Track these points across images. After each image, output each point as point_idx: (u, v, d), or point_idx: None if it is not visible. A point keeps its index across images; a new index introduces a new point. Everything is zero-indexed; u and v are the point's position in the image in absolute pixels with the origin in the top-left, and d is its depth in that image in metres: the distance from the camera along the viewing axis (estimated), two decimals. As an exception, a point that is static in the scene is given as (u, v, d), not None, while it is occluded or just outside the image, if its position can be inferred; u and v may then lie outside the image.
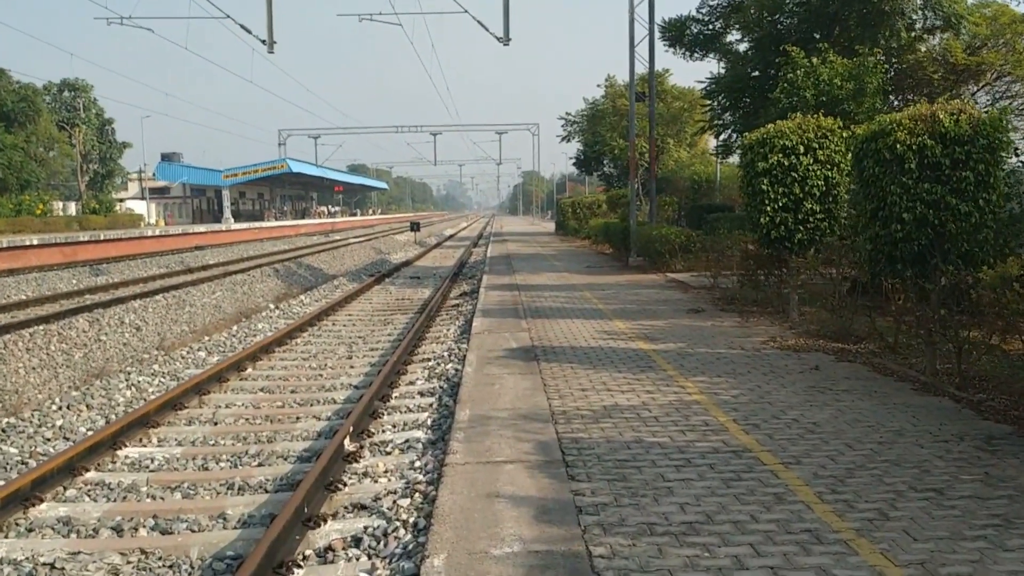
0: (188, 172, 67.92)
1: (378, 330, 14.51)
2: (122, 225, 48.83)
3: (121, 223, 49.11)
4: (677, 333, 11.71)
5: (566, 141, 43.89)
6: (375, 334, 14.06)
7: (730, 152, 25.59)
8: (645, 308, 14.43)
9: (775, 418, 6.96)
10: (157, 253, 36.12)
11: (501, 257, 29.13)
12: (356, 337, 13.79)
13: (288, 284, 24.62)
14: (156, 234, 42.35)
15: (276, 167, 67.23)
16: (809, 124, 12.45)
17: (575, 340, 11.29)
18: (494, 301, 15.87)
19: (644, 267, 22.87)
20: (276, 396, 9.51)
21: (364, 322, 15.63)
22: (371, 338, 13.62)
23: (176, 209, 73.84)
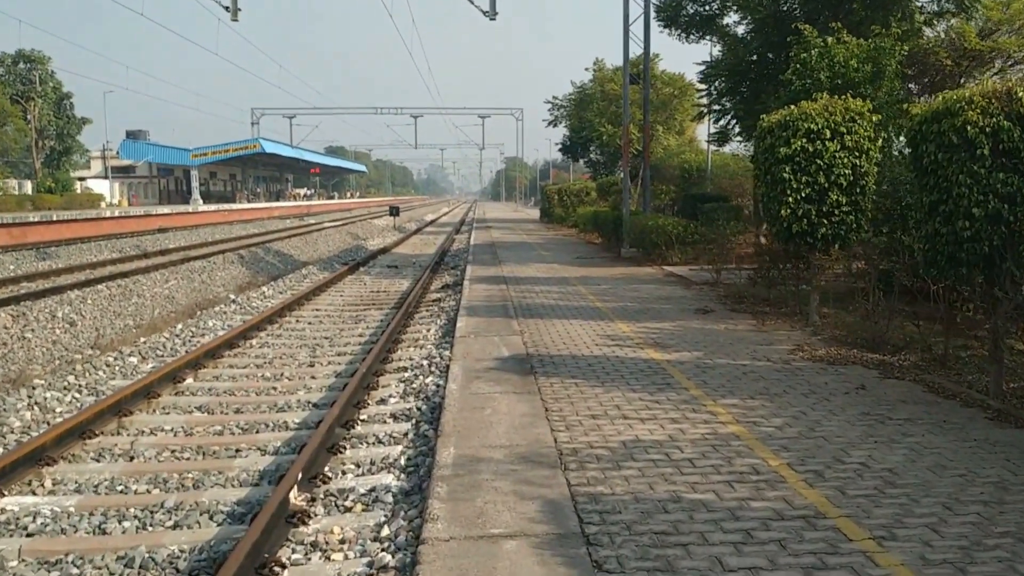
0: (154, 151, 65.90)
1: (348, 330, 13.06)
2: (80, 205, 46.84)
3: (79, 203, 47.15)
4: (689, 338, 10.37)
5: (552, 126, 42.54)
6: (344, 335, 12.62)
7: (727, 139, 24.29)
8: (648, 307, 13.09)
9: (838, 461, 5.62)
10: (115, 235, 34.32)
11: (485, 245, 27.69)
12: (321, 338, 12.33)
13: (253, 272, 23.09)
14: (115, 215, 40.49)
15: (248, 147, 65.39)
16: (836, 106, 11.13)
17: (575, 347, 9.92)
18: (480, 296, 14.46)
19: (638, 259, 21.54)
20: (216, 418, 8.02)
21: (332, 319, 14.17)
22: (339, 340, 12.18)
23: (142, 189, 71.74)
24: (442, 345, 10.94)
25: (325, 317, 14.36)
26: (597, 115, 36.68)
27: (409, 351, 10.96)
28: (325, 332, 12.82)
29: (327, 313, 14.75)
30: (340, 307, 15.54)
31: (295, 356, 10.98)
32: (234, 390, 9.16)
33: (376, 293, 17.59)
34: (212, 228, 41.70)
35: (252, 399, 8.74)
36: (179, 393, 9.04)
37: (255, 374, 9.94)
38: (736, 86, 21.02)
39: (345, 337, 12.38)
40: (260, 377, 9.80)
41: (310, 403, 8.50)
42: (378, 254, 27.43)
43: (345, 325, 13.50)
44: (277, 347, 11.63)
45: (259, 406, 8.46)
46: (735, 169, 31.38)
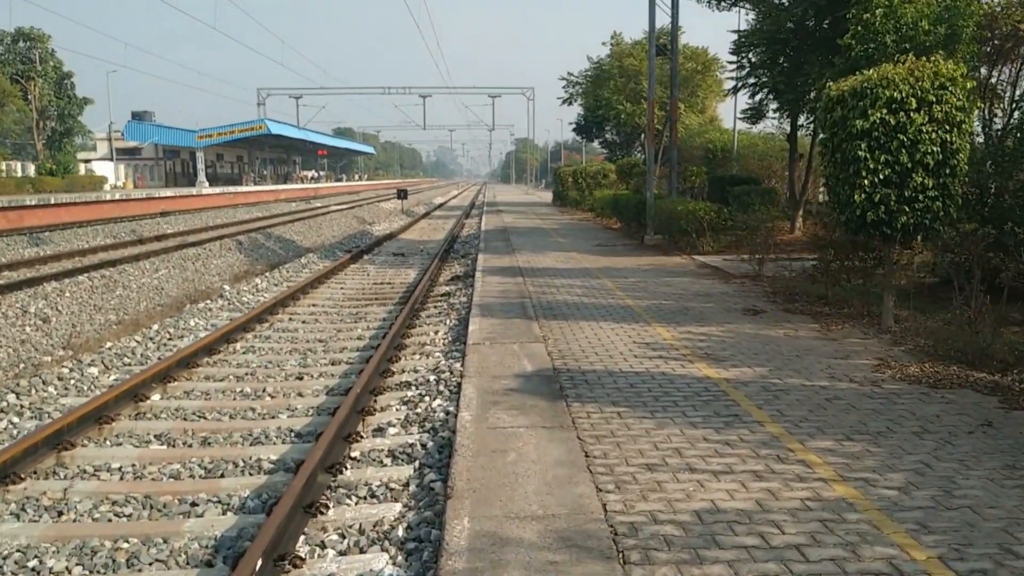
0: (159, 132, 64.19)
1: (345, 331, 11.49)
2: (82, 188, 45.41)
3: (81, 185, 45.70)
4: (745, 348, 8.76)
5: (567, 104, 40.69)
6: (341, 337, 11.05)
7: (761, 117, 22.51)
8: (687, 306, 11.46)
9: (1008, 552, 4.02)
10: (116, 220, 32.90)
11: (497, 231, 26.05)
12: (315, 341, 10.77)
13: (251, 260, 21.57)
14: (117, 198, 38.99)
15: (254, 128, 63.69)
16: (924, 70, 9.41)
17: (610, 359, 8.32)
18: (494, 291, 12.86)
19: (664, 247, 19.87)
20: (176, 453, 6.46)
21: (330, 317, 12.60)
22: (334, 343, 10.60)
23: (148, 171, 70.24)
24: (452, 354, 9.35)
25: (322, 314, 12.79)
26: (615, 92, 34.88)
27: (414, 360, 9.37)
28: (320, 333, 11.25)
29: (324, 310, 13.18)
30: (339, 302, 13.97)
31: (282, 365, 9.41)
32: (205, 411, 7.59)
33: (380, 285, 16.00)
34: (215, 212, 40.15)
35: (224, 425, 7.17)
36: (139, 416, 7.49)
37: (233, 389, 8.37)
38: (774, 57, 19.25)
39: (342, 340, 10.81)
40: (238, 394, 8.24)
41: (292, 432, 6.92)
42: (384, 240, 25.84)
43: (343, 325, 11.92)
44: (263, 353, 10.07)
45: (231, 435, 6.88)
46: (764, 150, 29.62)
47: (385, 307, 13.38)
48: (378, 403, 7.61)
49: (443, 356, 9.35)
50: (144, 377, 7.99)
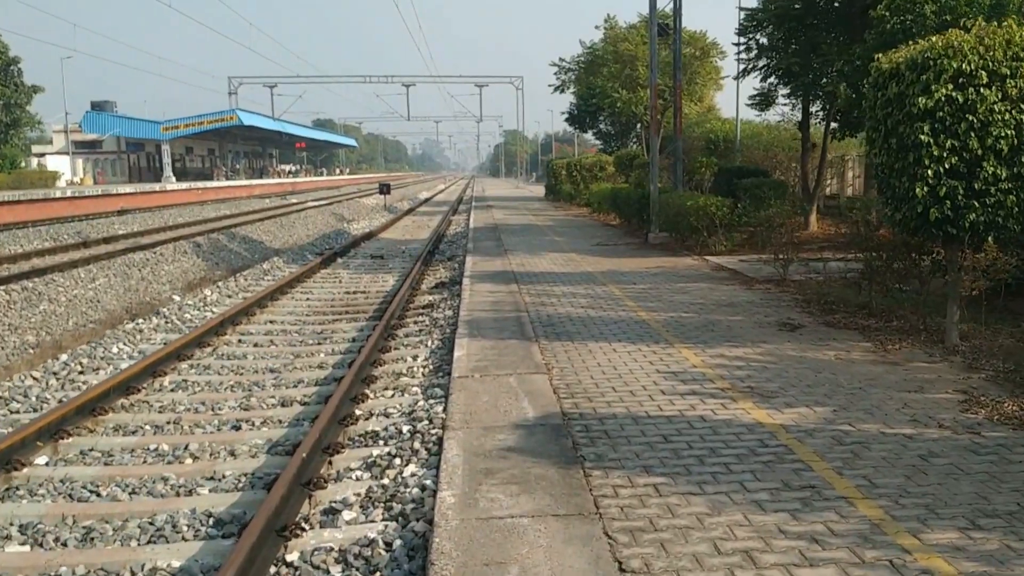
0: (121, 124, 62.33)
1: (305, 356, 9.98)
2: (31, 184, 43.58)
3: (30, 182, 43.84)
4: (794, 377, 7.31)
5: (559, 92, 39.11)
6: (298, 365, 9.53)
7: (770, 103, 21.07)
8: (711, 319, 10.00)
9: None
10: (67, 219, 31.28)
11: (487, 229, 24.55)
12: (265, 371, 9.25)
13: (210, 265, 19.99)
14: (68, 195, 37.24)
15: (224, 119, 61.94)
16: (996, 37, 7.99)
17: (632, 396, 6.85)
18: (485, 302, 11.38)
19: (670, 246, 18.44)
20: (42, 559, 4.89)
21: (288, 337, 11.08)
22: (289, 375, 9.08)
23: (109, 166, 68.38)
24: (433, 390, 7.84)
25: (279, 334, 11.27)
26: (609, 79, 33.37)
27: (385, 399, 7.87)
28: (273, 360, 9.73)
29: (283, 327, 11.65)
30: (302, 317, 12.45)
31: (218, 408, 7.88)
32: (100, 482, 6.04)
33: (352, 295, 14.48)
34: (179, 210, 38.44)
35: (119, 509, 5.57)
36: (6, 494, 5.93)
37: (145, 447, 6.82)
38: (788, 36, 17.82)
39: (299, 370, 9.29)
40: (150, 454, 6.70)
41: (209, 520, 5.35)
42: (362, 240, 24.29)
43: (303, 348, 10.41)
44: (197, 390, 8.54)
45: (123, 527, 5.30)
46: (768, 139, 28.25)
47: (356, 323, 11.87)
48: (334, 466, 6.11)
49: (422, 393, 7.84)
50: (25, 434, 6.44)
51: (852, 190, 26.27)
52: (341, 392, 7.46)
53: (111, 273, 16.73)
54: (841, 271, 12.86)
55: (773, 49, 18.79)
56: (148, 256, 19.05)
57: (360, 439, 6.84)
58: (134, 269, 17.61)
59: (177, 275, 18.38)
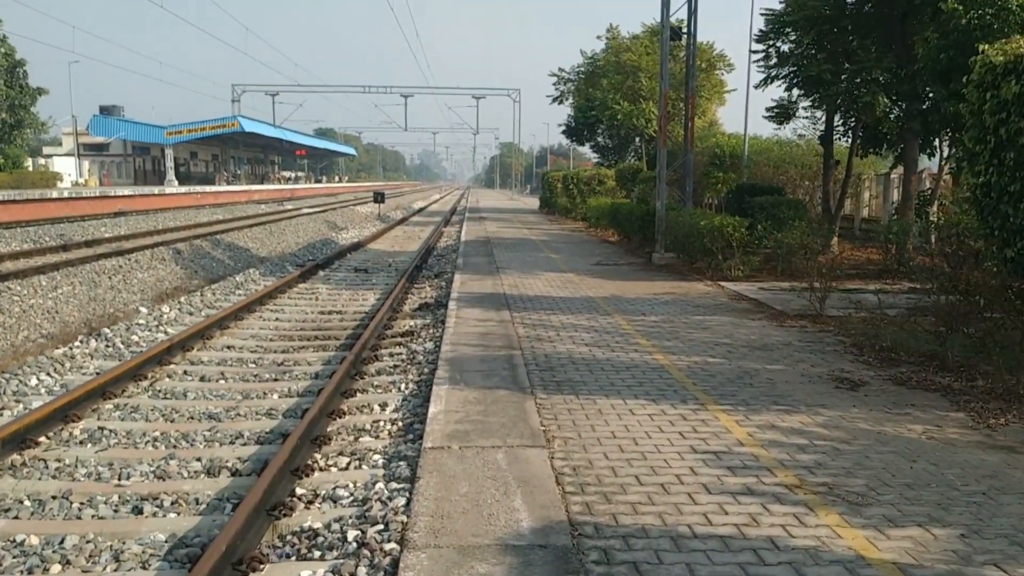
0: (127, 127, 60.15)
1: (256, 396, 7.84)
2: (32, 184, 41.40)
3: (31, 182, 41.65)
4: (880, 469, 5.20)
5: (558, 103, 37.05)
6: (243, 410, 7.38)
7: (789, 116, 18.99)
8: (745, 368, 7.88)
9: None
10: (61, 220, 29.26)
11: (479, 243, 22.42)
12: (203, 418, 7.11)
13: (187, 273, 17.84)
14: (65, 196, 35.06)
15: (226, 125, 59.83)
16: None
17: (666, 495, 4.73)
18: (471, 335, 9.25)
19: (678, 268, 16.35)
20: None
21: (242, 369, 8.93)
22: (228, 426, 6.93)
23: (115, 169, 66.22)
24: (398, 464, 5.69)
25: (234, 364, 9.13)
26: (610, 90, 31.31)
27: (335, 473, 5.71)
28: (216, 403, 7.57)
29: (239, 356, 9.50)
30: (265, 342, 10.30)
31: (125, 476, 5.73)
32: None
33: (326, 316, 12.33)
34: (175, 213, 36.25)
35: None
36: None
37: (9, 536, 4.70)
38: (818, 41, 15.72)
39: (241, 419, 7.14)
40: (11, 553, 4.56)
41: None
42: (349, 251, 22.12)
43: (255, 386, 8.25)
44: (111, 444, 6.40)
45: None
46: (779, 155, 26.18)
47: (324, 353, 9.73)
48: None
49: (384, 467, 5.70)
50: None
51: (868, 211, 24.20)
52: (283, 457, 5.37)
53: (78, 280, 14.59)
54: (884, 306, 10.76)
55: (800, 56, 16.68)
56: (122, 263, 16.88)
57: (291, 541, 4.70)
58: (104, 277, 15.46)
59: (150, 284, 16.23)
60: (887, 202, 23.93)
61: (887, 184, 23.77)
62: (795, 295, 12.21)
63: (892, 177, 23.58)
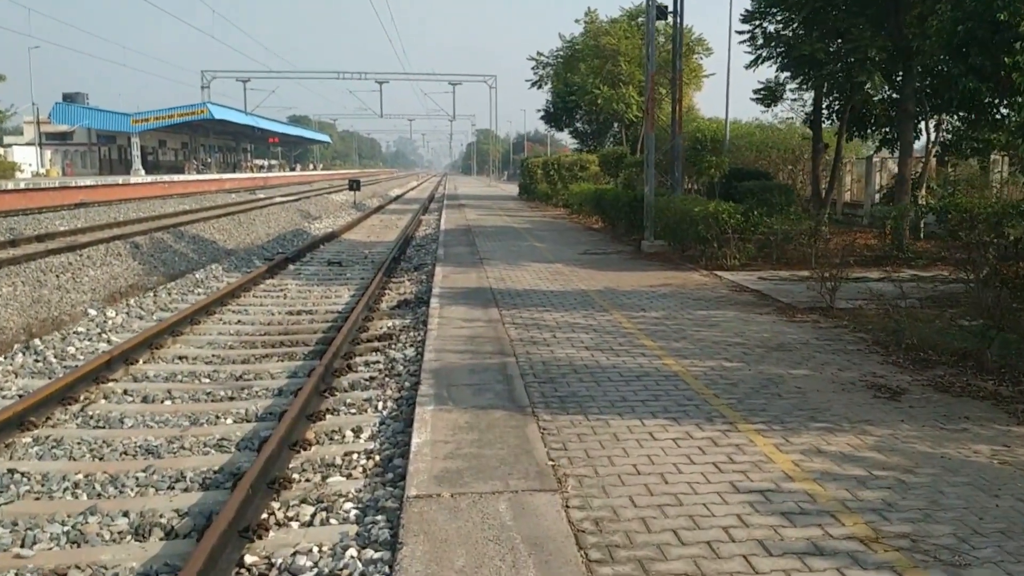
0: (91, 115, 58.21)
1: (205, 422, 6.73)
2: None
3: (-14, 172, 39.87)
4: (962, 509, 4.24)
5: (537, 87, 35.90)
6: (188, 442, 6.27)
7: (777, 99, 18.01)
8: (768, 374, 6.89)
9: None
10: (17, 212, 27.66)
11: (459, 232, 21.32)
12: (138, 453, 6.00)
13: (146, 269, 16.60)
14: (22, 187, 33.44)
15: (195, 112, 58.04)
16: None
17: (716, 561, 3.71)
18: (457, 338, 8.19)
19: (668, 257, 15.38)
20: None
21: (194, 386, 7.80)
22: (168, 464, 5.80)
23: (79, 158, 64.08)
24: (374, 520, 4.59)
25: (185, 379, 8.00)
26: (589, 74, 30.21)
27: (295, 532, 4.60)
28: (157, 432, 6.45)
29: (192, 369, 8.36)
30: (223, 351, 9.17)
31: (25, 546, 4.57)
32: None
33: (295, 317, 11.21)
34: (140, 204, 34.77)
35: None
36: None
37: None
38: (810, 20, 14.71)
39: (185, 455, 6.03)
40: None
41: None
42: (322, 242, 20.93)
43: (206, 408, 7.13)
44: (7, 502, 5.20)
45: None
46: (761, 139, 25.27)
47: (291, 362, 8.62)
48: None
49: (356, 526, 4.60)
50: None
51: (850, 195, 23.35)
52: (232, 511, 4.33)
53: (20, 280, 13.32)
54: (895, 296, 9.85)
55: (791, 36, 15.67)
56: (73, 259, 15.60)
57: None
58: (52, 275, 14.19)
59: (103, 282, 14.97)
60: (869, 186, 23.13)
61: (870, 167, 22.96)
62: (797, 285, 11.31)
63: (875, 160, 22.79)
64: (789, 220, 13.27)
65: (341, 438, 6.16)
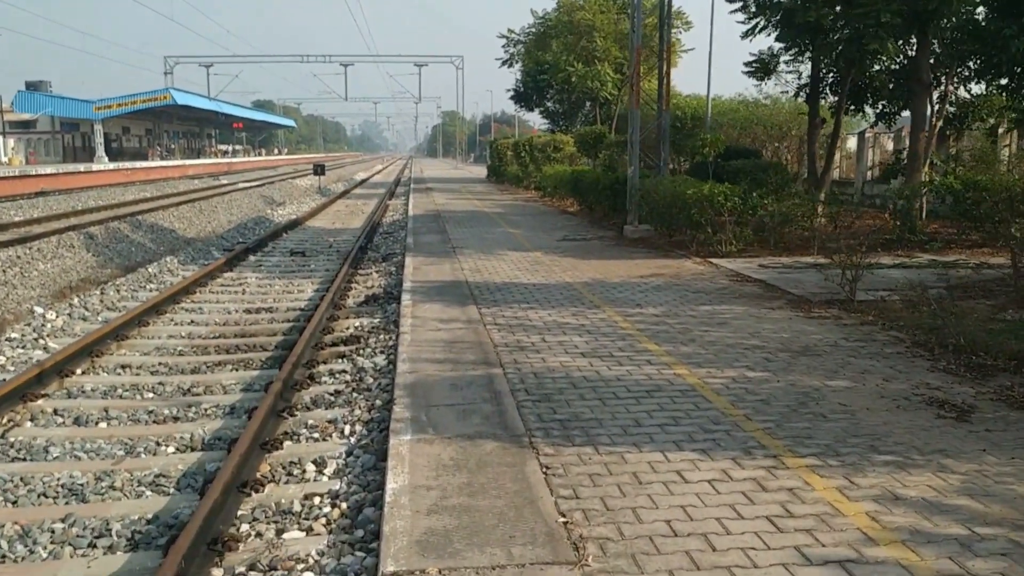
0: (54, 103, 56.13)
1: (144, 451, 5.56)
2: (-60, 163, 37.59)
3: (-61, 161, 37.81)
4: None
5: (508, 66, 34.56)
6: (119, 481, 5.08)
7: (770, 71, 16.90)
8: (802, 387, 5.85)
9: None
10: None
11: (429, 218, 20.10)
12: (59, 495, 4.81)
13: (100, 261, 15.23)
14: (-25, 177, 31.62)
15: (158, 98, 55.99)
16: None
17: None
18: (434, 344, 7.05)
19: (654, 242, 14.35)
20: None
21: (135, 403, 6.58)
22: (91, 512, 4.62)
23: (43, 146, 61.70)
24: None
25: (125, 393, 6.80)
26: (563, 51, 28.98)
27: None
28: (86, 465, 5.26)
29: (135, 381, 7.14)
30: (170, 359, 7.94)
31: None
32: None
33: (253, 316, 9.98)
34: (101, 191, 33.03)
35: None
36: None
37: None
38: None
39: (116, 497, 4.85)
40: None
41: None
42: (285, 230, 19.60)
43: (148, 431, 5.93)
44: None
45: None
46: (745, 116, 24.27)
47: (246, 372, 7.44)
48: None
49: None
50: None
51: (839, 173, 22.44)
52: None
53: (-46, 277, 11.97)
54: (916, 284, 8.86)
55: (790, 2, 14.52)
56: (22, 252, 14.19)
57: None
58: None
59: (53, 276, 13.59)
60: (861, 163, 22.24)
61: (862, 144, 22.05)
62: (804, 273, 10.33)
63: (867, 136, 21.86)
64: (792, 202, 12.23)
65: (301, 473, 5.03)
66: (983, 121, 17.30)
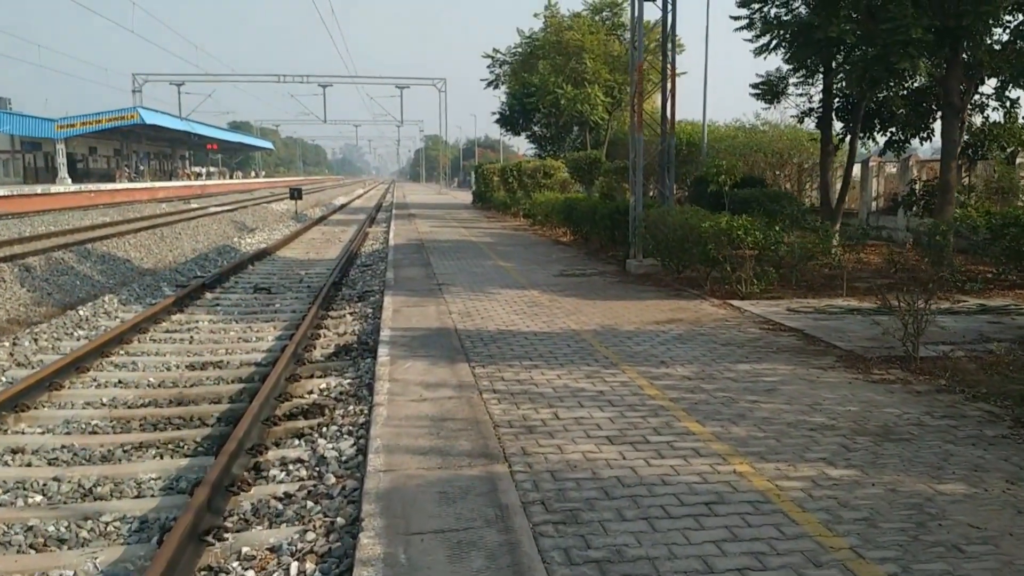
0: (12, 121, 54.18)
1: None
2: None
3: None
4: None
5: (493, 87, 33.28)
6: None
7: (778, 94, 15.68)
8: (912, 498, 4.39)
9: None
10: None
11: (411, 248, 18.60)
12: None
13: (34, 298, 13.61)
14: (-83, 200, 29.84)
15: (125, 117, 54.28)
16: None
17: None
18: (417, 425, 5.53)
19: (662, 279, 12.93)
20: None
21: (20, 512, 5.00)
22: None
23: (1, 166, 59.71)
24: None
25: (4, 500, 5.22)
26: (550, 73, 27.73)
27: None
28: None
29: (25, 475, 5.56)
30: (82, 438, 6.36)
31: None
32: None
33: (197, 372, 8.41)
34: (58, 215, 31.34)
35: None
36: None
37: None
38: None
39: None
40: None
41: None
42: (252, 260, 18.02)
43: (24, 563, 4.35)
44: None
45: None
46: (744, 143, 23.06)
47: (173, 460, 5.87)
48: None
49: None
50: None
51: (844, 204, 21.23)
52: None
53: None
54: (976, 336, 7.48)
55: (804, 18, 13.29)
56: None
57: None
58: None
59: (-29, 317, 11.98)
60: (865, 192, 21.10)
61: (866, 172, 20.93)
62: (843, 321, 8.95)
63: (871, 165, 20.76)
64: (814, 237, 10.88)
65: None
66: (1002, 150, 16.30)
